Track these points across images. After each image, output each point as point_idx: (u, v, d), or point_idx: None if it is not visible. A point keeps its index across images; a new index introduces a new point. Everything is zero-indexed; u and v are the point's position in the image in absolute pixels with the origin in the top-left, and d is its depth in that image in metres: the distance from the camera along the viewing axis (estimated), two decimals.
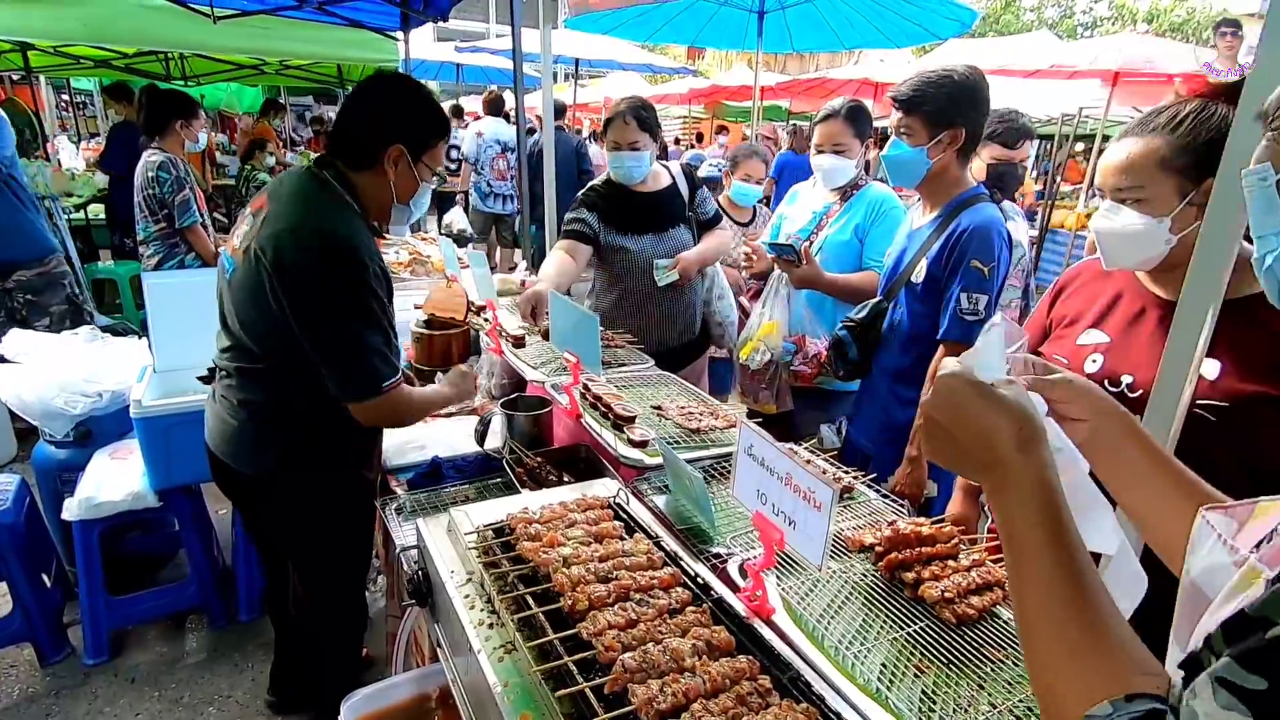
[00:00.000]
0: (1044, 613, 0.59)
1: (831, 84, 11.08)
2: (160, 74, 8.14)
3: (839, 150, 2.60)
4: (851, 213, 2.67)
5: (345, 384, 1.74)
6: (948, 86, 2.00)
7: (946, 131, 2.02)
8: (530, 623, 1.08)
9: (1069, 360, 1.50)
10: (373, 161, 1.79)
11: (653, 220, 2.76)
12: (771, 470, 1.18)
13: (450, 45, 12.49)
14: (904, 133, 2.07)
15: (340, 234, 1.68)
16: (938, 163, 2.06)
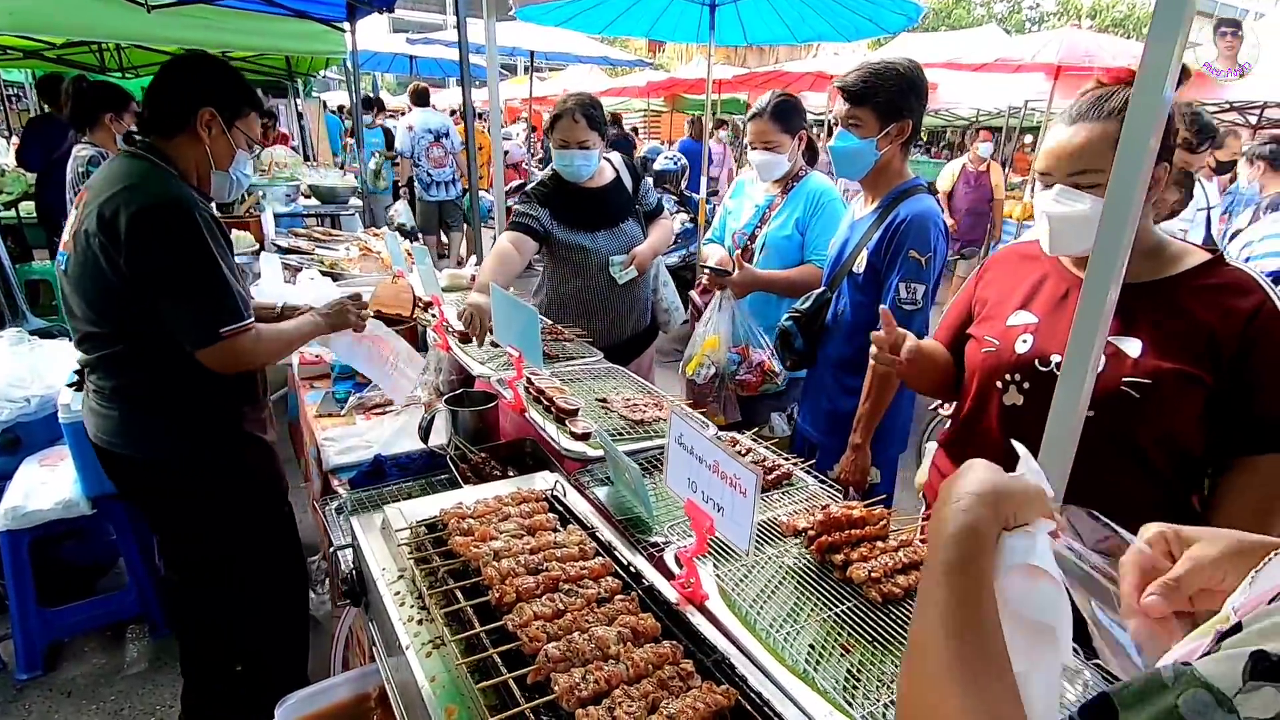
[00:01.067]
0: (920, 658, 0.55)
1: (787, 77, 11.18)
2: (95, 65, 7.80)
3: (769, 146, 2.63)
4: (792, 206, 2.70)
5: (189, 331, 1.78)
6: (895, 79, 2.02)
7: (895, 124, 2.05)
8: (459, 617, 1.08)
9: (1000, 341, 1.54)
10: (184, 125, 1.84)
11: (604, 216, 2.76)
12: (700, 458, 1.20)
13: (403, 37, 12.25)
14: (853, 124, 2.07)
15: (159, 192, 1.74)
16: (885, 155, 2.09)
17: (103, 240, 1.68)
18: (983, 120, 13.60)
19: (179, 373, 1.82)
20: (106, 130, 3.70)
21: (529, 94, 11.40)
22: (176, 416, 1.86)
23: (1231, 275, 1.34)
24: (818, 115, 12.84)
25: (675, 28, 6.56)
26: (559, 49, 10.34)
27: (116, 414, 1.84)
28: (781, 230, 2.69)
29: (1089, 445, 1.31)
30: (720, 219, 2.98)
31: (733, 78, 11.87)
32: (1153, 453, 1.37)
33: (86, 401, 1.92)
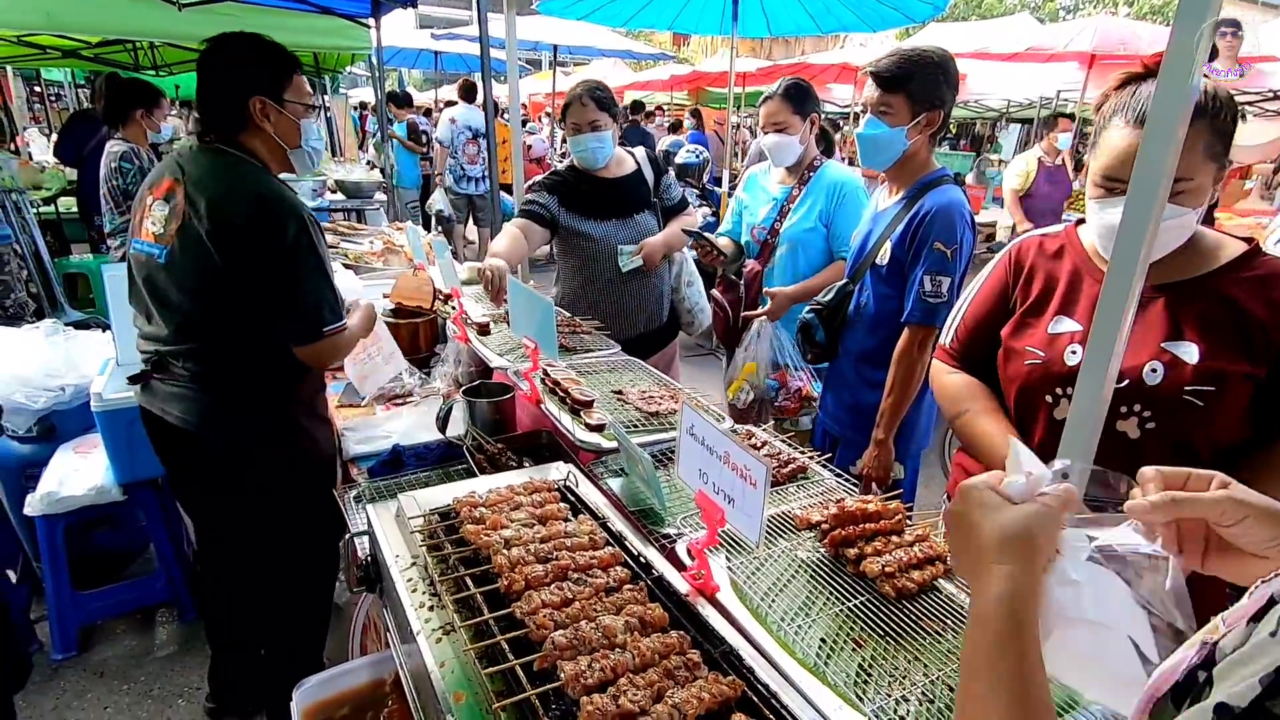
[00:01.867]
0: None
1: (812, 69, 11.05)
2: (129, 64, 7.98)
3: (780, 127, 2.60)
4: (813, 198, 2.66)
5: (295, 328, 1.85)
6: (930, 67, 1.97)
7: (926, 114, 2.00)
8: (469, 604, 1.09)
9: (1045, 351, 1.45)
10: (242, 121, 1.85)
11: (616, 206, 2.74)
12: (712, 450, 1.19)
13: (428, 33, 12.34)
14: (884, 111, 2.01)
15: (272, 191, 1.79)
16: (913, 144, 2.05)
17: (216, 235, 1.73)
18: (1013, 112, 13.30)
19: (263, 361, 1.89)
20: (138, 126, 3.80)
21: (552, 88, 11.41)
22: (258, 401, 1.92)
23: (1272, 265, 1.29)
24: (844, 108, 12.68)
25: (699, 20, 6.52)
26: (582, 43, 10.33)
27: (203, 398, 1.87)
28: (804, 223, 2.66)
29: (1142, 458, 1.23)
30: (733, 212, 2.95)
31: (757, 70, 11.76)
32: (1205, 453, 1.32)
33: (162, 387, 1.92)
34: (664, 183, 2.87)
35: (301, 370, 1.97)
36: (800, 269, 2.70)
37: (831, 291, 2.30)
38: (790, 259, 2.69)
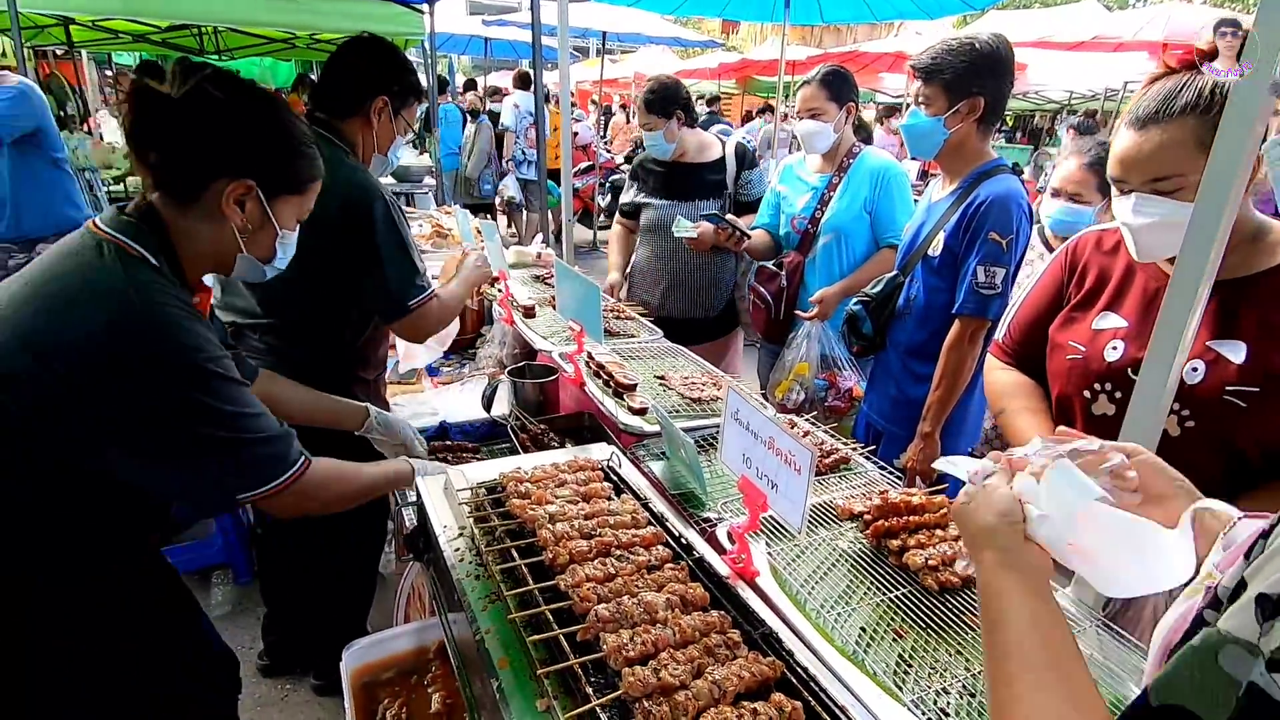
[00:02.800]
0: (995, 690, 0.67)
1: (865, 57, 10.81)
2: (195, 48, 8.27)
3: (815, 114, 2.59)
4: (855, 187, 2.64)
5: (385, 305, 1.90)
6: (967, 54, 1.95)
7: (965, 101, 1.97)
8: (513, 574, 1.12)
9: (1086, 347, 1.43)
10: (357, 108, 1.90)
11: (679, 187, 2.91)
12: (756, 434, 1.19)
13: (479, 19, 12.45)
14: (922, 102, 2.03)
15: (359, 180, 1.83)
16: (956, 133, 2.01)
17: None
18: (1075, 104, 12.80)
19: (334, 340, 1.97)
20: None
21: (600, 76, 11.42)
22: (325, 378, 1.91)
23: None
24: (896, 98, 12.38)
25: (749, 7, 6.44)
26: (630, 30, 10.30)
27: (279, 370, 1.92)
28: (848, 213, 2.63)
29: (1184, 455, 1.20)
30: (769, 204, 2.89)
31: (807, 59, 11.55)
32: (1251, 452, 1.28)
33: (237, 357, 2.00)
34: (744, 177, 2.94)
35: (366, 351, 2.03)
36: (844, 258, 2.68)
37: (881, 283, 2.27)
38: (835, 248, 2.67)
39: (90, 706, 1.19)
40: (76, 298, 1.03)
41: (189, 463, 1.11)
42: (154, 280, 1.08)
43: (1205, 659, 0.42)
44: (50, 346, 1.00)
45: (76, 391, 1.01)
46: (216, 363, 1.11)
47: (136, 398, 1.03)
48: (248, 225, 1.19)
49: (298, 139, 1.24)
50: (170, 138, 1.12)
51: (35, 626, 1.12)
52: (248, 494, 1.17)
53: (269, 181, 1.19)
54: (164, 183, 1.15)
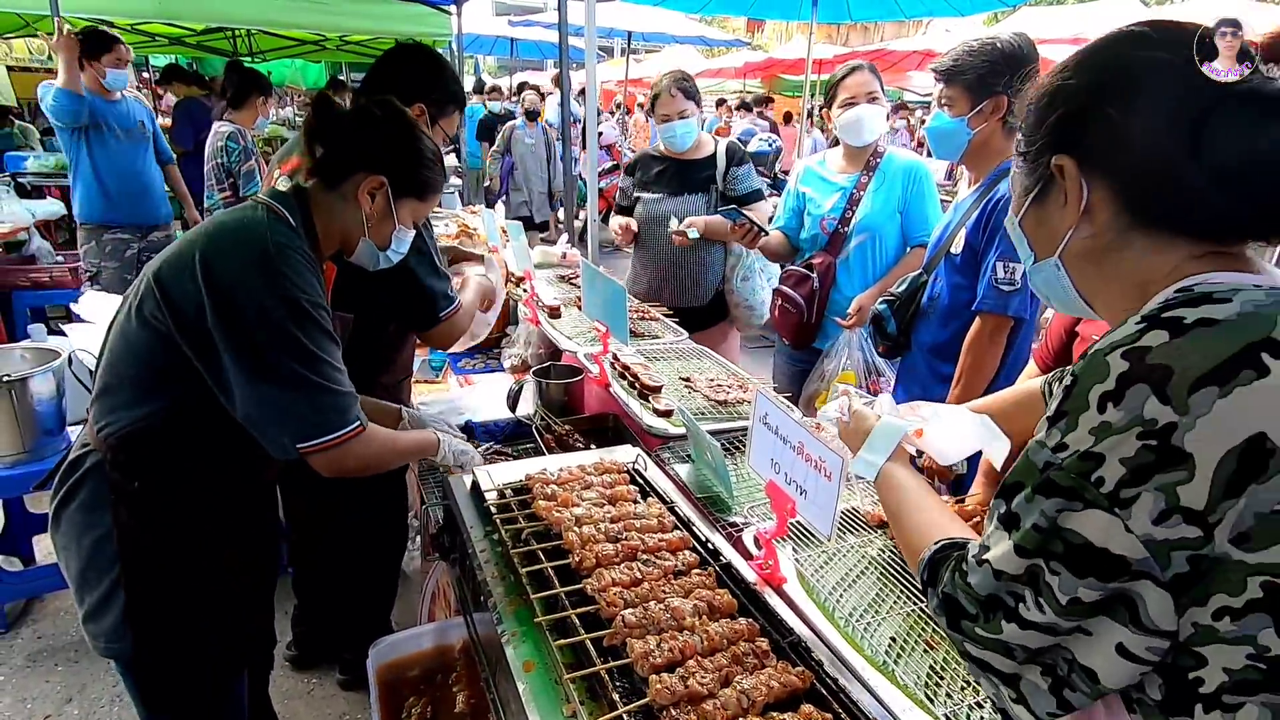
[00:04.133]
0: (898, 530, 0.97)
1: (892, 56, 10.67)
2: (228, 51, 8.43)
3: (872, 97, 2.54)
4: (888, 187, 2.60)
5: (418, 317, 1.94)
6: (988, 54, 1.94)
7: (988, 101, 1.95)
8: (540, 577, 1.11)
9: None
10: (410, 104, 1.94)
11: (673, 182, 2.95)
12: (785, 439, 1.18)
13: (505, 19, 12.53)
14: (945, 104, 2.02)
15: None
16: (980, 133, 2.00)
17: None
18: None
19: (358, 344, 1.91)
20: (251, 111, 4.05)
21: (625, 75, 11.41)
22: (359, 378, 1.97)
23: None
24: (924, 97, 12.21)
25: (776, 5, 6.39)
26: (656, 29, 10.28)
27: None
28: (883, 212, 2.60)
29: None
30: (788, 208, 2.82)
31: (833, 57, 11.44)
32: None
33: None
34: (732, 173, 2.90)
35: (388, 357, 2.05)
36: (879, 259, 2.65)
37: (905, 282, 2.25)
38: (870, 248, 2.64)
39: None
40: (235, 235, 1.29)
41: (267, 388, 1.25)
42: (288, 234, 1.31)
43: (1028, 451, 0.69)
44: (213, 274, 1.23)
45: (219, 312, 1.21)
46: (316, 309, 1.29)
47: (251, 314, 1.22)
48: (373, 214, 1.42)
49: (427, 156, 1.48)
50: (334, 135, 1.40)
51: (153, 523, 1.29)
52: (308, 442, 1.28)
53: (398, 182, 1.42)
54: (320, 169, 1.41)
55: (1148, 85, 0.68)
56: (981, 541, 0.74)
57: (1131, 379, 0.62)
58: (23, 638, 2.58)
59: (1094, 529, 0.62)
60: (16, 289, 4.34)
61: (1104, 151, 0.72)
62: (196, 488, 1.32)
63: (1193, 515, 0.59)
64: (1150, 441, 0.60)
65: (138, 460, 1.27)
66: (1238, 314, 0.62)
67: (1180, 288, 0.68)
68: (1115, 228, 0.73)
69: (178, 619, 1.31)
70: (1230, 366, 0.59)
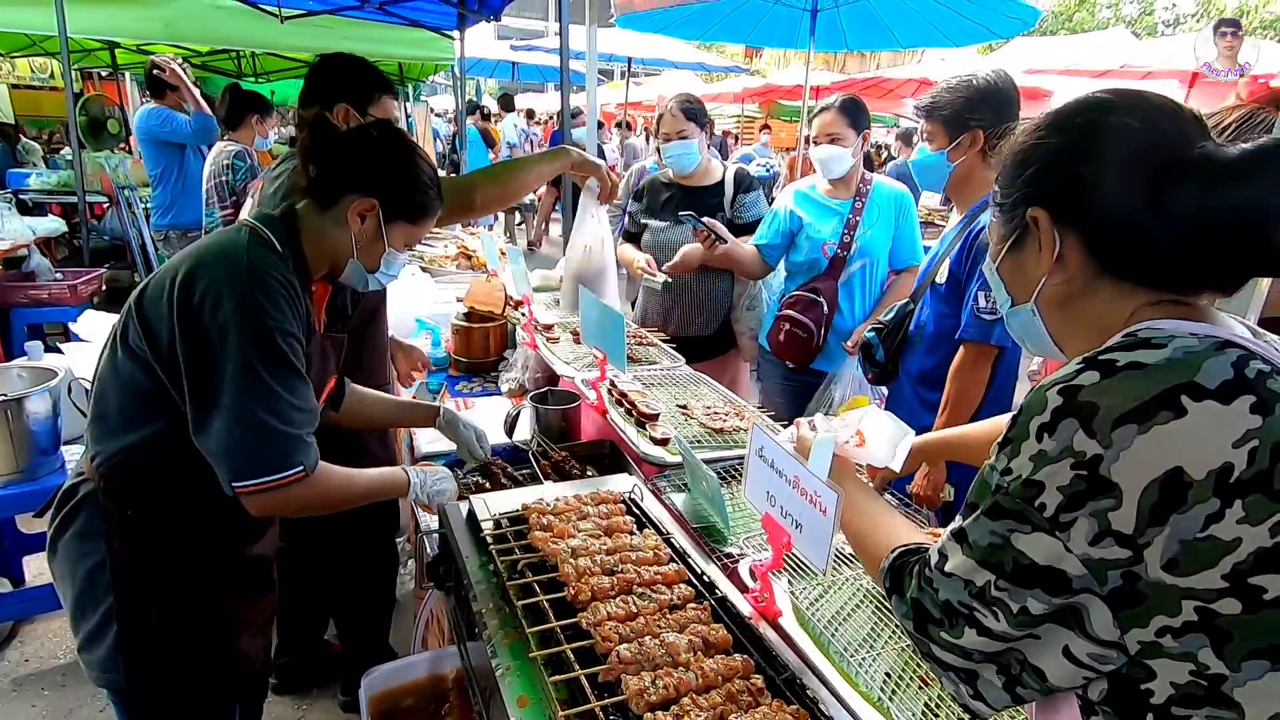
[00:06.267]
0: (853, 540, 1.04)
1: (889, 83, 10.83)
2: (233, 71, 8.53)
3: (835, 139, 2.61)
4: (883, 213, 2.69)
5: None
6: (964, 91, 2.02)
7: (965, 135, 2.03)
8: (535, 610, 1.11)
9: None
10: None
11: (679, 208, 2.90)
12: (780, 473, 1.18)
13: (507, 44, 12.70)
14: (926, 138, 2.11)
15: None
16: (961, 165, 2.07)
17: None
18: None
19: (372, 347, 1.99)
20: (249, 130, 4.09)
21: (625, 99, 11.56)
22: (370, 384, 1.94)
23: None
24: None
25: (774, 33, 6.49)
26: (655, 55, 10.43)
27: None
28: (881, 236, 2.69)
29: None
30: (774, 228, 2.81)
31: (831, 84, 11.60)
32: None
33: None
34: (740, 200, 2.92)
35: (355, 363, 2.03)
36: (873, 282, 2.74)
37: (893, 310, 2.29)
38: (867, 272, 2.71)
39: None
40: (213, 260, 1.26)
41: (216, 421, 1.21)
42: (269, 257, 1.28)
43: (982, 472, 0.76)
44: (181, 294, 1.21)
45: (182, 333, 1.19)
46: (285, 338, 1.24)
47: (213, 343, 1.20)
48: (363, 236, 1.40)
49: (421, 180, 1.45)
50: (328, 156, 1.39)
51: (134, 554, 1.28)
52: (241, 482, 1.22)
53: (389, 205, 1.40)
54: (312, 189, 1.41)
55: (1114, 147, 0.75)
56: (939, 549, 0.80)
57: (1063, 413, 0.68)
58: (9, 660, 2.55)
59: (1040, 550, 0.69)
60: (15, 306, 4.35)
61: (1075, 206, 0.78)
62: (190, 516, 1.31)
63: (1123, 538, 0.65)
64: (1082, 471, 0.66)
65: (130, 489, 1.27)
66: (1166, 359, 0.68)
67: (1127, 332, 0.74)
68: (1084, 276, 0.79)
69: (170, 650, 1.30)
70: (1150, 407, 0.65)
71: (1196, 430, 0.64)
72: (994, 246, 0.91)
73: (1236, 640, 0.63)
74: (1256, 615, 0.63)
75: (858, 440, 1.34)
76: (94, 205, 6.42)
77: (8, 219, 4.64)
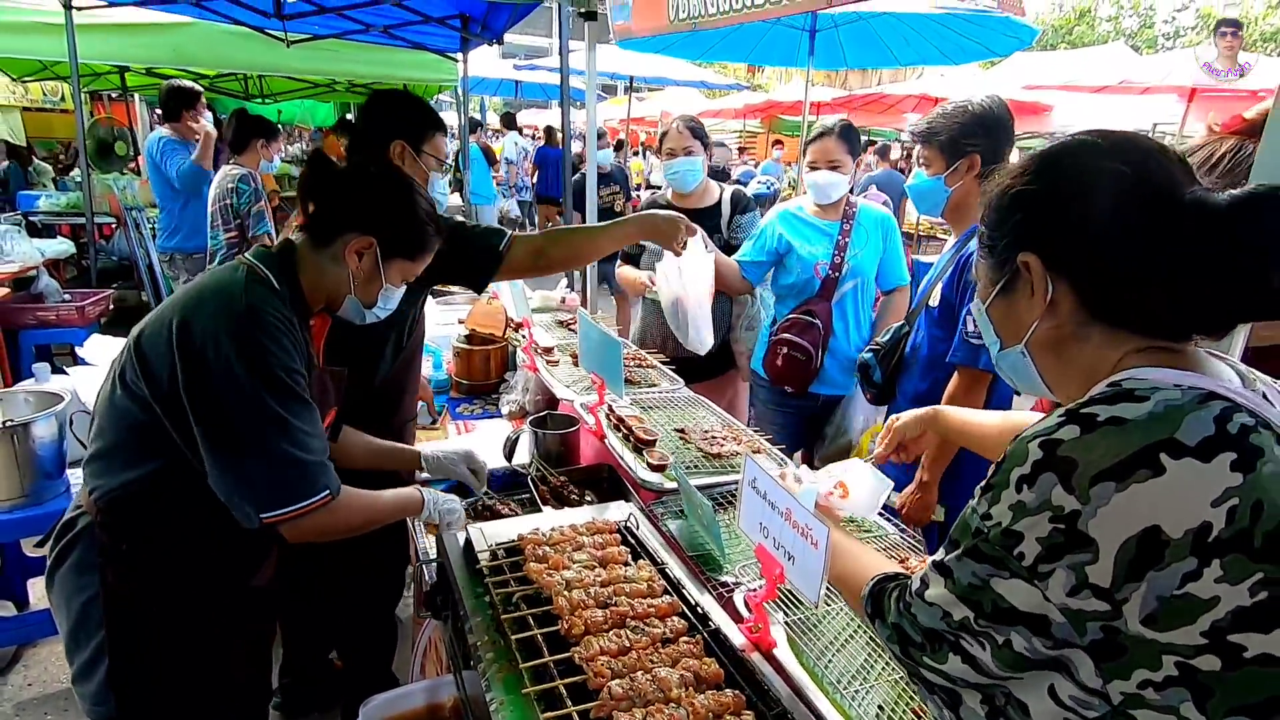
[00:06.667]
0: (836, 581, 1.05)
1: (889, 99, 10.91)
2: (240, 93, 8.65)
3: (834, 166, 2.65)
4: (871, 234, 2.74)
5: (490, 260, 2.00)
6: (960, 117, 2.04)
7: (962, 160, 2.05)
8: (530, 643, 1.12)
9: None
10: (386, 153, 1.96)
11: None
12: (773, 504, 1.19)
13: (510, 63, 12.86)
14: (923, 164, 2.13)
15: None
16: (958, 190, 2.08)
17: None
18: None
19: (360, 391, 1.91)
20: (254, 154, 4.15)
21: (627, 114, 11.67)
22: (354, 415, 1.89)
23: None
24: None
25: (774, 52, 6.56)
26: (657, 73, 10.54)
27: None
28: (871, 258, 2.73)
29: None
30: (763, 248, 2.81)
31: (832, 100, 11.68)
32: None
33: None
34: (736, 221, 2.94)
35: (396, 401, 2.06)
36: (864, 302, 2.78)
37: (889, 333, 2.32)
38: (860, 292, 2.74)
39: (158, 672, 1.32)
40: (211, 300, 1.28)
41: (234, 458, 1.23)
42: (266, 296, 1.30)
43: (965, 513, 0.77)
44: (182, 336, 1.22)
45: (186, 375, 1.21)
46: (289, 374, 1.27)
47: (220, 382, 1.21)
48: (359, 273, 1.41)
49: (419, 219, 1.46)
50: (326, 194, 1.41)
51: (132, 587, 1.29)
52: (271, 512, 1.26)
53: (386, 243, 1.41)
54: (310, 226, 1.42)
55: (1106, 194, 0.74)
56: (921, 576, 0.82)
57: (1043, 467, 0.69)
58: (12, 685, 2.56)
59: (1019, 596, 0.70)
60: (24, 328, 4.40)
61: (1067, 252, 0.78)
62: (184, 551, 1.33)
63: (1100, 591, 0.66)
64: (1060, 525, 0.67)
65: (126, 523, 1.28)
66: (1148, 414, 0.67)
67: (1111, 382, 0.73)
68: (1075, 321, 0.79)
69: (161, 685, 1.31)
70: (1129, 464, 0.65)
71: (1175, 489, 0.63)
72: (983, 288, 0.90)
73: (1218, 696, 0.63)
74: (1237, 672, 0.63)
75: (841, 492, 1.40)
76: (102, 226, 6.51)
77: (17, 241, 4.70)
